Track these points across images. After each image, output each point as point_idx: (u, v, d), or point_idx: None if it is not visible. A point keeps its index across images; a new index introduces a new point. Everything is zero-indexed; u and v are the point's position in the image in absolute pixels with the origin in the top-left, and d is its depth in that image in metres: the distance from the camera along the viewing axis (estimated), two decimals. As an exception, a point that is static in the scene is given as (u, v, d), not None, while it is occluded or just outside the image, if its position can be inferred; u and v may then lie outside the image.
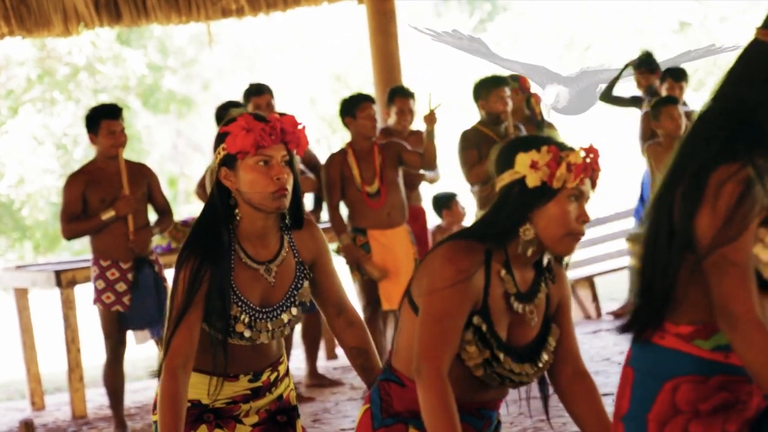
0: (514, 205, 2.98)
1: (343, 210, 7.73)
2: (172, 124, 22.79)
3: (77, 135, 19.89)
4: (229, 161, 3.38)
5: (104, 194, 6.95)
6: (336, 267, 3.65)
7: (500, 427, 3.22)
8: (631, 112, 9.87)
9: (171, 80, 22.26)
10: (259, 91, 7.94)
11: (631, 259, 9.38)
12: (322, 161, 8.01)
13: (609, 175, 5.50)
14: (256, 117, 3.37)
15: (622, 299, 10.18)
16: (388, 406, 3.10)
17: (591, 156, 2.99)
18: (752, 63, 2.46)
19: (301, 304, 3.50)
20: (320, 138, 21.19)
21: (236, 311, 3.37)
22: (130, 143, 7.05)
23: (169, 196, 7.33)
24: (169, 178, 21.77)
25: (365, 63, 16.65)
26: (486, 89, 7.66)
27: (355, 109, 7.55)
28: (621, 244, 10.43)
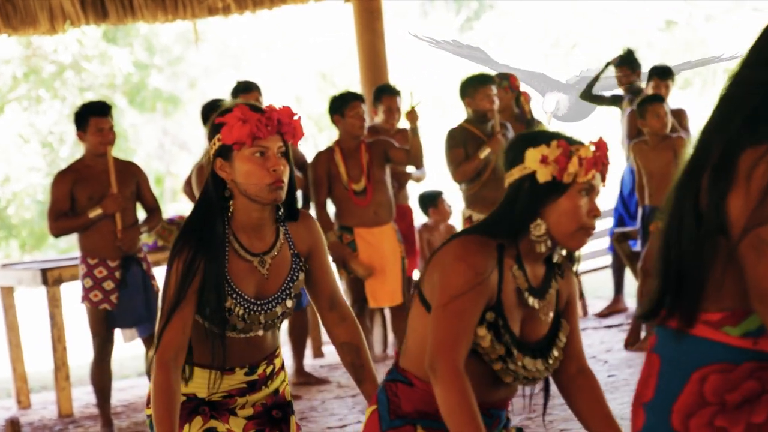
0: (524, 201, 2.97)
1: (330, 208, 7.74)
2: (158, 122, 22.77)
3: (63, 133, 19.87)
4: (224, 152, 3.34)
5: (92, 192, 6.94)
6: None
7: (509, 424, 3.20)
8: (610, 111, 9.89)
9: (157, 78, 22.23)
10: (248, 88, 7.93)
11: (620, 256, 9.40)
12: (308, 159, 8.01)
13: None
14: (252, 107, 3.34)
15: (607, 297, 10.21)
16: (396, 407, 3.07)
17: (601, 150, 2.98)
18: None
19: (296, 297, 3.48)
20: (307, 136, 21.19)
21: (230, 303, 3.35)
22: (116, 142, 7.04)
23: (156, 195, 7.31)
24: (155, 176, 21.75)
25: (352, 61, 16.66)
26: (473, 87, 7.67)
27: (344, 107, 7.55)
28: (605, 242, 10.45)
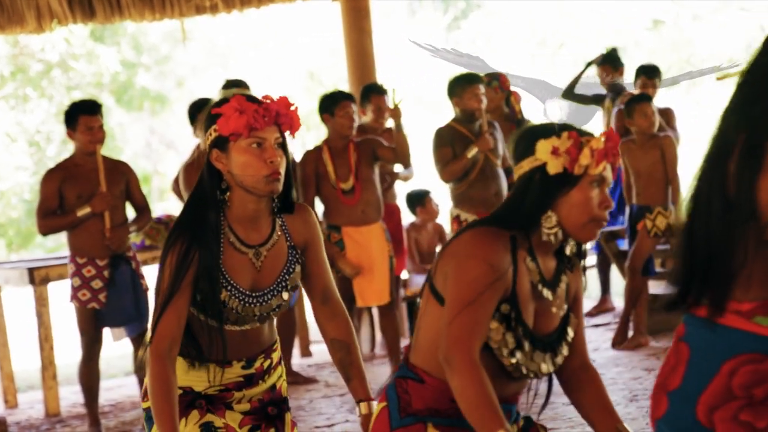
0: (536, 193, 2.96)
1: (318, 207, 7.74)
2: (145, 121, 22.72)
3: (50, 132, 19.83)
4: (220, 143, 3.31)
5: (81, 190, 6.93)
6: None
7: (519, 418, 3.17)
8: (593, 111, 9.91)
9: (145, 77, 22.19)
10: (237, 86, 7.93)
11: (606, 255, 9.42)
12: (296, 158, 8.01)
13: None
14: (249, 98, 3.31)
15: (594, 297, 10.23)
16: (406, 404, 3.04)
17: (611, 141, 2.97)
18: None
19: (292, 289, 3.45)
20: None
21: (225, 295, 3.32)
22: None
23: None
24: (142, 175, 21.70)
25: (339, 60, 16.66)
26: (461, 87, 7.67)
27: (334, 106, 7.55)
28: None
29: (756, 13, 21.16)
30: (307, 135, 21.27)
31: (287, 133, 3.38)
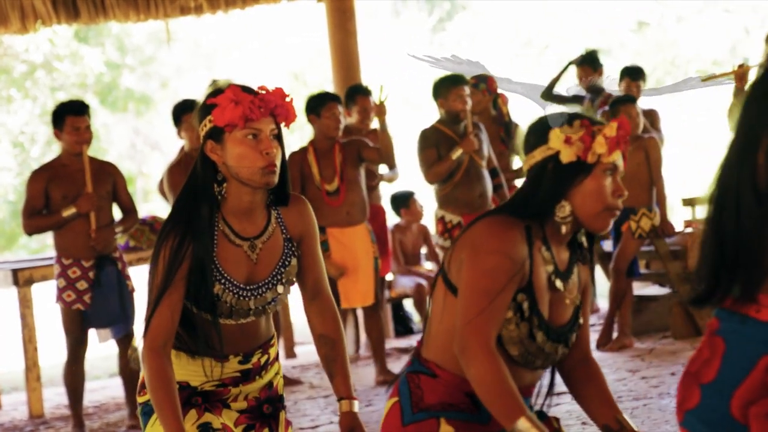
0: (549, 182, 2.94)
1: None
2: (130, 122, 22.69)
3: (34, 133, 19.79)
4: (215, 134, 3.25)
5: (67, 191, 6.92)
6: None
7: (532, 410, 3.12)
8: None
9: (129, 78, 22.17)
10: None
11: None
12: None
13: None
14: (245, 89, 3.27)
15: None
16: (418, 399, 3.00)
17: (623, 129, 2.97)
18: None
19: (288, 282, 3.41)
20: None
21: (219, 289, 3.27)
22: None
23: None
24: (127, 176, 21.63)
25: (324, 61, 16.64)
26: (445, 88, 7.68)
27: (320, 107, 7.55)
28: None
29: (740, 15, 21.24)
30: (291, 136, 21.27)
31: (282, 125, 3.34)
